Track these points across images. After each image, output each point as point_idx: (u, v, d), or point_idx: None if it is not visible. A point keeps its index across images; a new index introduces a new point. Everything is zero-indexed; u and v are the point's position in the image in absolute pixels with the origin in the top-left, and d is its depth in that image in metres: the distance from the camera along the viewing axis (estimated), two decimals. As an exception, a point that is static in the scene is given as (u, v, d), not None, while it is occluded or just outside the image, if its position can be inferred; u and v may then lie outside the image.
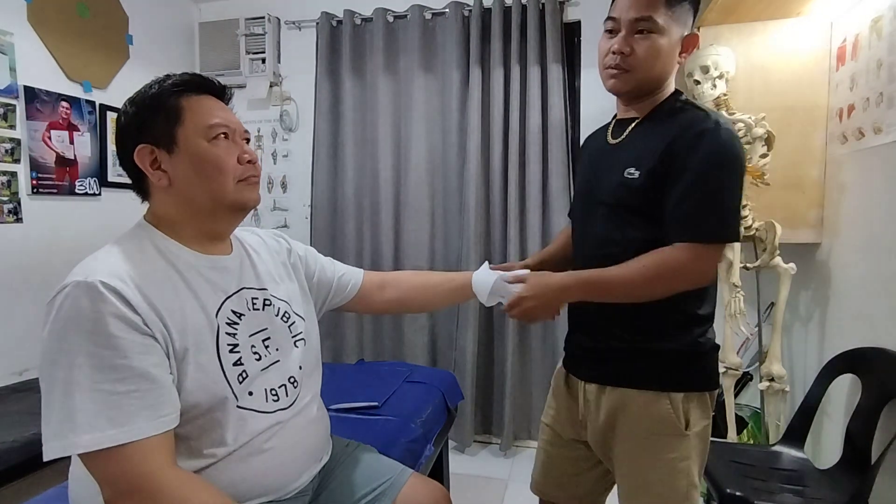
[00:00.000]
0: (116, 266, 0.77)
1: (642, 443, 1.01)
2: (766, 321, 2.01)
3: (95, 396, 0.70)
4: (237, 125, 0.90)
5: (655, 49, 0.95)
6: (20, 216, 2.02)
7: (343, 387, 1.71)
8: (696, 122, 0.94)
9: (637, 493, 1.03)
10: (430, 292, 1.22)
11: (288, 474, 0.91)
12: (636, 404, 1.00)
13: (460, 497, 1.45)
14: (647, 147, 0.97)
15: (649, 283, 0.93)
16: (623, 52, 0.96)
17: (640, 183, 0.96)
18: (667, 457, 0.99)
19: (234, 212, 0.91)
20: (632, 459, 1.03)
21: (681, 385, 0.99)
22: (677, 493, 0.99)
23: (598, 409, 1.05)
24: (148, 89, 0.86)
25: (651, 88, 1.00)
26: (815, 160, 1.87)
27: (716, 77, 1.79)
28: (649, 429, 1.00)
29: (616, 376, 1.03)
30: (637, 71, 0.97)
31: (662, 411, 0.98)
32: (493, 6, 2.46)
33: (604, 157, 1.08)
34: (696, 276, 0.93)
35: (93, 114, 2.29)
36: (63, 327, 0.72)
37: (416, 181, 2.59)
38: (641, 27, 0.94)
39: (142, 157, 0.84)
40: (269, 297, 0.97)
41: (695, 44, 0.99)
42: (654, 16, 0.93)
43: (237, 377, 0.85)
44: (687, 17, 0.98)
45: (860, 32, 1.63)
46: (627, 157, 1.00)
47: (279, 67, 2.84)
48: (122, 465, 0.71)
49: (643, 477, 1.02)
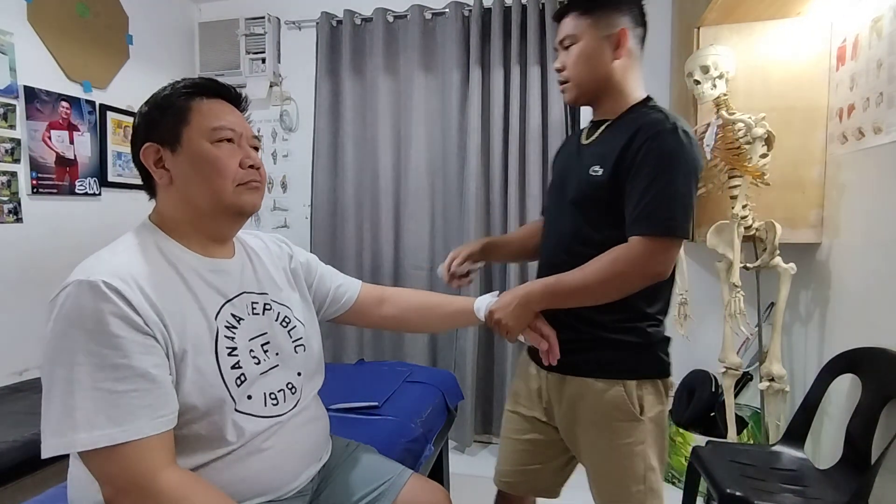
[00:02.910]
0: (119, 266, 0.77)
1: (601, 429, 1.07)
2: (766, 321, 2.01)
3: (95, 395, 0.70)
4: (245, 130, 0.91)
5: (577, 55, 1.07)
6: (20, 216, 2.02)
7: (343, 387, 1.71)
8: (654, 123, 0.99)
9: (599, 478, 1.10)
10: (430, 313, 1.20)
11: (287, 474, 0.91)
12: (593, 392, 1.06)
13: (460, 497, 1.45)
14: (611, 146, 1.03)
15: (606, 282, 0.98)
16: (559, 69, 1.12)
17: (603, 180, 1.02)
18: (624, 441, 1.05)
19: (232, 215, 0.91)
20: (593, 445, 1.09)
21: (634, 373, 1.05)
22: (635, 476, 1.05)
23: (561, 396, 1.12)
24: (162, 92, 0.88)
25: (600, 88, 1.09)
26: (815, 160, 1.87)
27: (716, 77, 1.79)
28: (607, 415, 1.05)
29: (574, 366, 1.08)
30: (573, 78, 1.09)
31: (617, 398, 1.04)
32: (493, 6, 2.46)
33: (575, 157, 1.15)
34: (650, 270, 0.96)
35: (93, 114, 2.29)
36: (65, 325, 0.72)
37: (416, 181, 2.59)
38: (565, 44, 1.09)
39: (147, 154, 0.85)
40: (269, 301, 0.97)
41: (625, 36, 1.05)
42: (571, 30, 1.08)
43: (235, 380, 0.84)
44: (610, 18, 1.06)
45: (860, 32, 1.63)
46: (594, 156, 1.07)
47: (279, 67, 2.84)
48: (121, 464, 0.71)
49: (604, 462, 1.09)
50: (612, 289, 0.98)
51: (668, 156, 0.96)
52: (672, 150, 0.96)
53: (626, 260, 0.96)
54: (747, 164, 1.74)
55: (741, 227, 1.79)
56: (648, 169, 0.96)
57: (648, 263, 0.95)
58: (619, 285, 0.98)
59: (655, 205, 0.95)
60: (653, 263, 0.96)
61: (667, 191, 0.95)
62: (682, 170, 0.96)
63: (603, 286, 0.98)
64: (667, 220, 0.95)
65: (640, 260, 0.95)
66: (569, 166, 1.15)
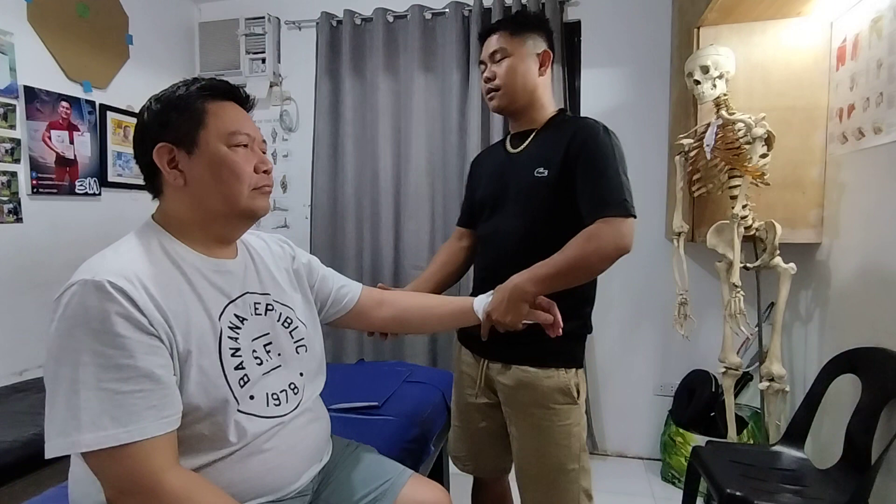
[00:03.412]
0: (124, 266, 0.77)
1: (545, 412, 1.18)
2: (766, 321, 2.01)
3: (100, 395, 0.70)
4: (257, 134, 0.92)
5: (510, 67, 1.21)
6: (20, 216, 2.02)
7: (343, 387, 1.71)
8: (589, 126, 1.17)
9: (538, 460, 1.20)
10: (429, 313, 1.20)
11: (288, 475, 0.91)
12: (537, 379, 1.18)
13: (460, 497, 1.45)
14: (551, 150, 1.19)
15: (587, 258, 1.07)
16: (490, 77, 1.24)
17: (549, 179, 1.17)
18: (565, 424, 1.18)
19: (244, 219, 0.92)
20: (534, 428, 1.19)
21: (572, 361, 1.21)
22: (572, 455, 1.18)
23: (504, 382, 1.23)
24: (175, 89, 0.87)
25: (526, 100, 1.24)
26: (815, 160, 1.87)
27: (716, 77, 1.79)
28: (551, 398, 1.17)
29: (520, 356, 1.20)
30: (504, 87, 1.22)
31: (561, 384, 1.18)
32: (493, 6, 2.46)
33: (507, 164, 1.28)
34: (620, 244, 1.07)
35: (93, 114, 2.29)
36: (69, 325, 0.72)
37: (416, 181, 2.59)
38: (497, 57, 1.23)
39: (160, 155, 0.85)
40: (271, 302, 0.97)
41: (549, 57, 1.25)
42: (503, 45, 1.22)
43: (238, 381, 0.85)
44: (535, 40, 1.23)
45: (860, 32, 1.63)
46: (533, 160, 1.21)
47: (279, 67, 2.84)
48: (125, 465, 0.71)
49: (545, 443, 1.19)
50: (595, 263, 1.08)
51: (608, 152, 1.12)
52: (609, 147, 1.13)
53: (600, 237, 1.06)
54: (747, 164, 1.74)
55: (741, 227, 1.79)
56: (594, 164, 1.11)
57: (618, 238, 1.06)
58: (598, 261, 1.08)
59: (608, 192, 1.09)
60: (621, 238, 1.06)
61: (615, 180, 1.10)
62: (621, 162, 1.13)
63: (585, 262, 1.07)
64: (622, 202, 1.08)
65: (611, 236, 1.06)
66: (505, 172, 1.27)
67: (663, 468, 2.29)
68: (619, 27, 2.42)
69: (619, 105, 2.44)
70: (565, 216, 1.14)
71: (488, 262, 1.29)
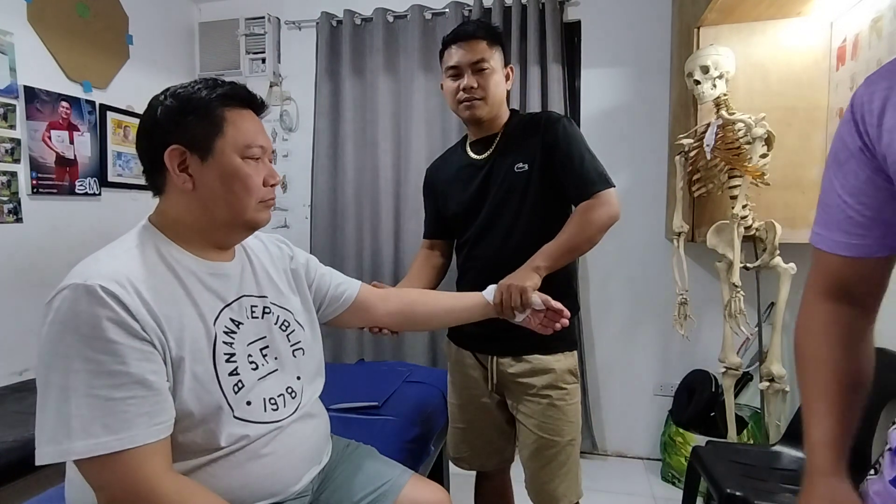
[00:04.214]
0: (117, 269, 0.75)
1: (559, 393, 1.28)
2: (766, 321, 2.02)
3: (91, 402, 0.69)
4: (269, 146, 0.91)
5: (496, 81, 1.29)
6: (20, 216, 2.02)
7: (343, 387, 1.70)
8: (552, 116, 1.30)
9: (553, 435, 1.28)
10: (435, 304, 1.20)
11: (288, 478, 0.91)
12: (550, 364, 1.28)
13: (461, 498, 1.45)
14: (524, 146, 1.29)
15: (587, 231, 1.20)
16: (473, 87, 1.27)
17: (530, 172, 1.27)
18: (573, 401, 1.31)
19: (246, 229, 0.91)
20: (549, 408, 1.28)
21: (573, 345, 1.34)
22: (577, 427, 1.32)
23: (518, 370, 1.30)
24: (193, 90, 0.84)
25: (497, 110, 1.33)
26: (815, 160, 1.87)
27: (716, 77, 1.79)
28: (563, 380, 1.29)
29: (528, 347, 1.28)
30: (488, 98, 1.29)
31: (569, 365, 1.31)
32: (493, 6, 2.46)
33: (476, 170, 1.35)
34: (612, 212, 1.22)
35: (93, 114, 2.29)
36: (60, 330, 0.70)
37: (416, 181, 2.58)
38: (482, 66, 1.27)
39: (172, 156, 0.82)
40: (268, 304, 0.96)
41: (512, 72, 1.37)
42: (487, 57, 1.27)
43: (232, 388, 0.84)
44: (503, 55, 1.33)
45: (860, 32, 1.63)
46: (509, 158, 1.30)
47: (279, 67, 2.84)
48: (117, 472, 0.70)
49: (560, 421, 1.28)
50: (594, 235, 1.21)
51: (577, 138, 1.27)
52: (576, 134, 1.28)
53: (594, 209, 1.21)
54: (747, 164, 1.74)
55: (741, 227, 1.79)
56: (570, 152, 1.24)
57: (609, 208, 1.21)
58: (597, 232, 1.21)
59: (590, 171, 1.23)
60: (611, 207, 1.21)
61: (590, 162, 1.25)
62: (585, 144, 1.27)
63: (586, 235, 1.21)
64: (602, 177, 1.24)
65: (605, 207, 1.21)
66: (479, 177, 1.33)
67: (663, 468, 2.29)
68: (619, 27, 2.42)
69: (619, 105, 2.44)
70: (546, 203, 1.27)
71: (484, 262, 1.33)
